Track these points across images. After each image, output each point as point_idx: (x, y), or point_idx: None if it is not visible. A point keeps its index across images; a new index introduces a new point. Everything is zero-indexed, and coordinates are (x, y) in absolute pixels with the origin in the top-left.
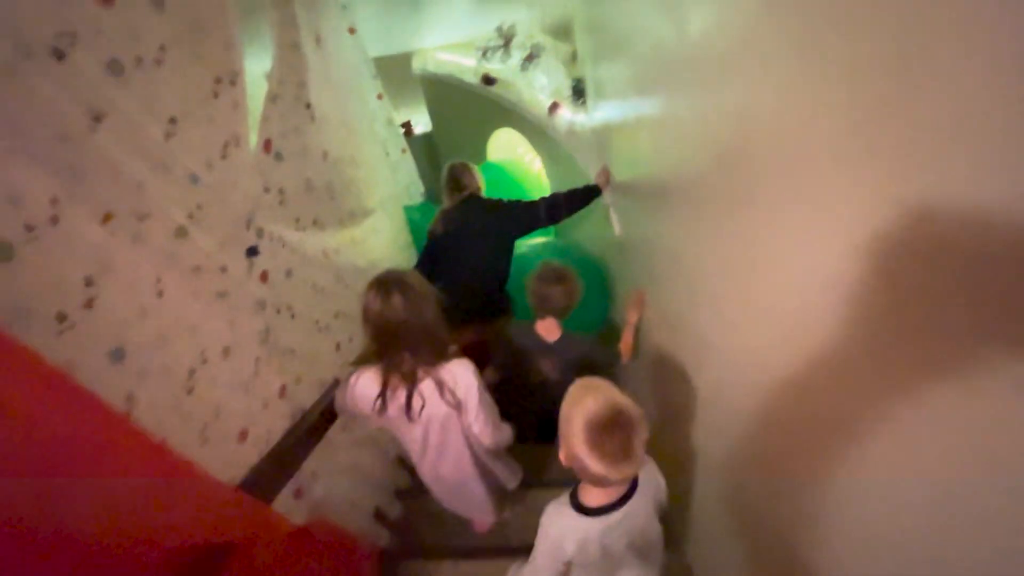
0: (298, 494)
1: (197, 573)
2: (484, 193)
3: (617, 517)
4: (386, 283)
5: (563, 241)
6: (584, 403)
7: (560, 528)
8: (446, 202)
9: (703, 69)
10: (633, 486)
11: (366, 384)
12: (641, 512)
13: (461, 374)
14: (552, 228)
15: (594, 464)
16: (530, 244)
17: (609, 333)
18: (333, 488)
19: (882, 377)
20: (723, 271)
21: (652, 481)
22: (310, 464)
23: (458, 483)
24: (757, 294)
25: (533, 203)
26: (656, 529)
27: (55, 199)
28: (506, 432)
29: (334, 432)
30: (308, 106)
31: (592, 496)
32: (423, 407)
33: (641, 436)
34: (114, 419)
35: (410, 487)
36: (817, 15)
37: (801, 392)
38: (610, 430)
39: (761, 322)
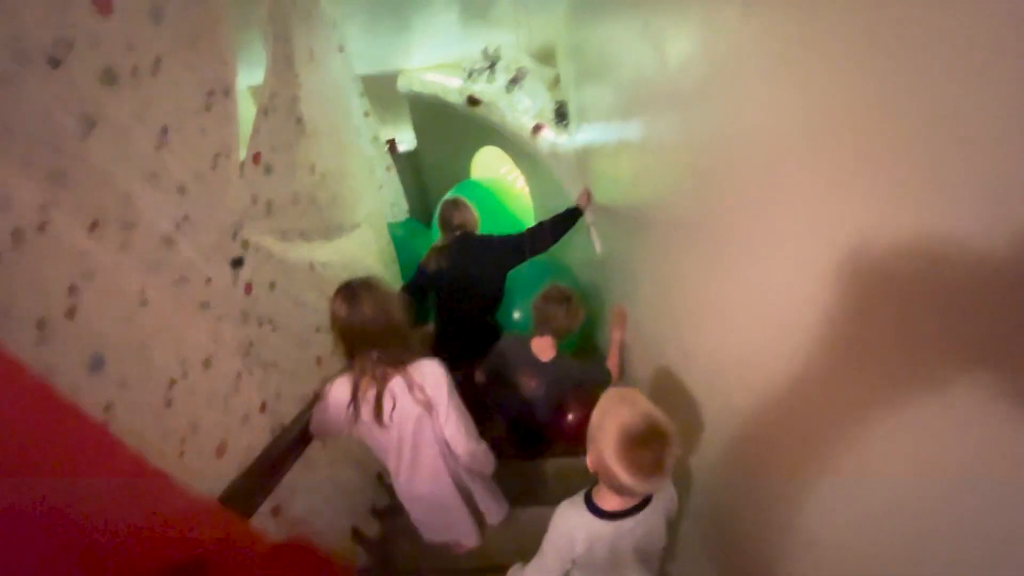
0: (276, 512)
1: None
2: (479, 226)
3: (630, 524)
4: (351, 288)
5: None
6: (620, 414)
7: (574, 525)
8: (440, 240)
9: (677, 98)
10: (649, 496)
11: (339, 390)
12: (653, 522)
13: (430, 370)
14: None
15: (623, 475)
16: None
17: (584, 343)
18: (312, 506)
19: (856, 391)
20: (700, 292)
21: (666, 493)
22: (289, 481)
23: (436, 503)
24: (733, 313)
25: (520, 236)
26: (662, 538)
27: (44, 205)
28: (483, 449)
29: (314, 449)
30: (299, 120)
31: (609, 501)
32: (394, 408)
33: (673, 452)
34: (92, 428)
35: (389, 506)
36: (791, 46)
37: (779, 407)
38: (645, 444)
39: (740, 341)
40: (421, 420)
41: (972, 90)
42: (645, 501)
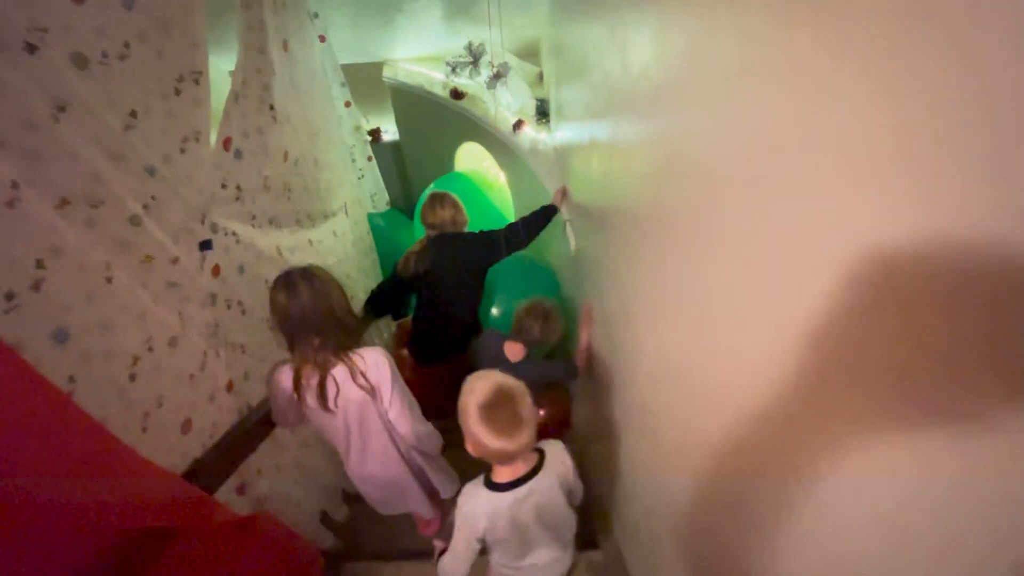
0: (241, 490)
1: (135, 557)
2: (463, 221)
3: (524, 491)
4: (290, 276)
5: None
6: (473, 391)
7: (473, 505)
8: (416, 242)
9: (642, 100)
10: (540, 465)
11: (282, 378)
12: (547, 488)
13: (371, 357)
14: None
15: (491, 439)
16: None
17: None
18: (278, 487)
19: (859, 406)
20: (666, 294)
21: (558, 461)
22: (255, 461)
23: (388, 482)
24: (708, 321)
25: (495, 234)
26: (563, 507)
27: (15, 183)
28: (427, 430)
29: (282, 431)
30: (271, 108)
31: (501, 474)
32: (337, 393)
33: (526, 404)
34: (57, 397)
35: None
36: (769, 42)
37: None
38: (497, 405)
39: (714, 351)
40: (365, 404)
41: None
42: (534, 470)
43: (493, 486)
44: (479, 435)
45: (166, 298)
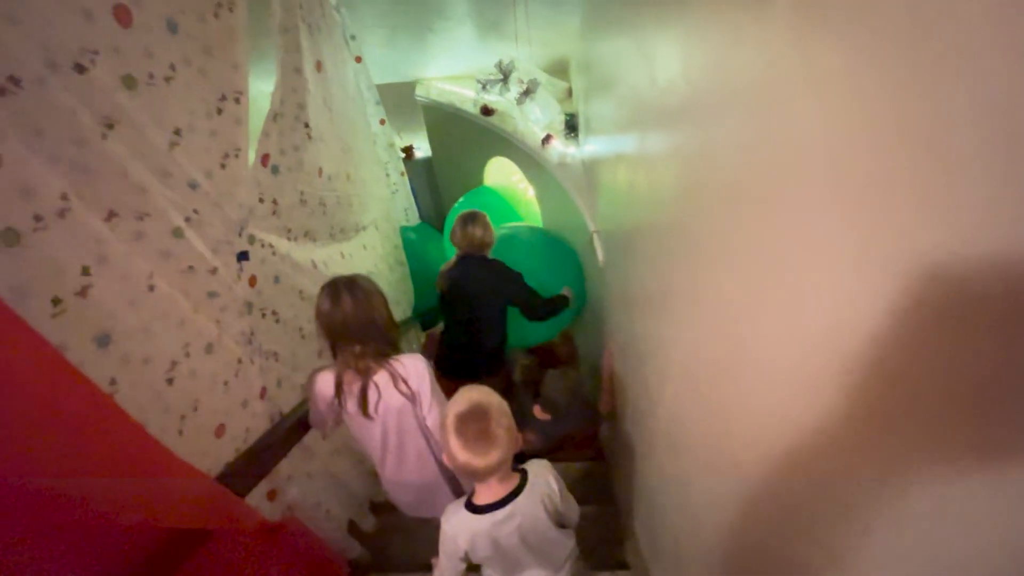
0: (271, 496)
1: (168, 555)
2: (489, 242)
3: (503, 514)
4: (335, 284)
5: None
6: (452, 405)
7: (453, 525)
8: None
9: (669, 114)
10: (521, 487)
11: (324, 383)
12: (531, 511)
13: (413, 364)
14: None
15: (460, 451)
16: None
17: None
18: (307, 495)
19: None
20: (695, 308)
21: (542, 483)
22: (286, 467)
23: (422, 485)
24: (741, 338)
25: (522, 280)
26: (550, 529)
27: (65, 195)
28: None
29: (313, 439)
30: (306, 125)
31: (481, 496)
32: (379, 400)
33: (500, 424)
34: (100, 398)
35: (386, 501)
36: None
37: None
38: (468, 419)
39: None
40: (404, 410)
41: None
42: (514, 492)
43: (473, 508)
44: (449, 445)
45: (205, 306)
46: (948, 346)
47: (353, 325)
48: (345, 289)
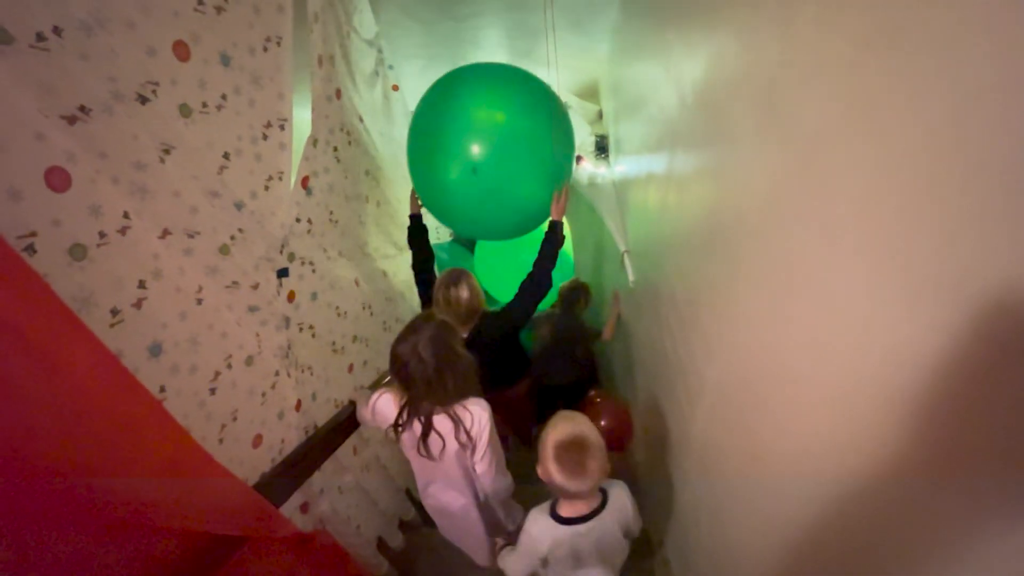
0: (304, 508)
1: (204, 561)
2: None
3: (583, 529)
4: (417, 334)
5: None
6: (556, 429)
7: (538, 530)
8: None
9: (699, 134)
10: (602, 506)
11: (386, 407)
12: (608, 528)
13: (476, 412)
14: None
15: (558, 475)
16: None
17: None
18: (339, 509)
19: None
20: (733, 327)
21: (620, 504)
22: (318, 480)
23: (460, 519)
24: (780, 358)
25: (513, 303)
26: (620, 542)
27: (127, 213)
28: (508, 482)
29: (344, 453)
30: (335, 149)
31: (566, 509)
32: (443, 448)
33: (595, 458)
34: (152, 402)
35: (415, 520)
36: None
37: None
38: (570, 449)
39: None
40: (459, 453)
41: None
42: (596, 511)
43: (558, 518)
44: (549, 468)
45: (246, 320)
46: (1012, 382)
47: (431, 384)
48: (429, 344)
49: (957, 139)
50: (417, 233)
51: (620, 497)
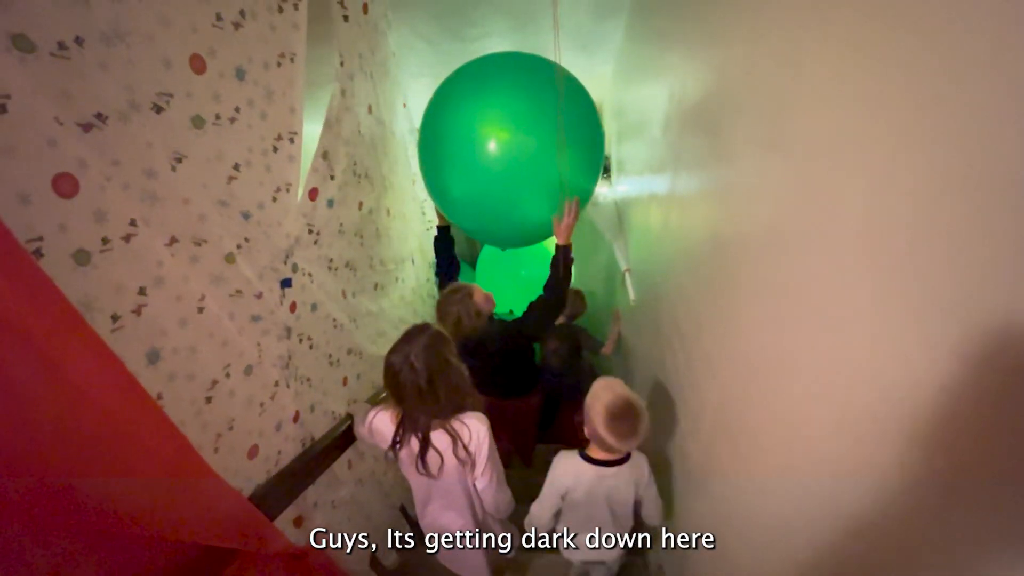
0: (298, 522)
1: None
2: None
3: (608, 472)
4: (411, 343)
5: None
6: (604, 397)
7: (565, 466)
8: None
9: (701, 156)
10: (625, 460)
11: (383, 424)
12: (624, 478)
13: (474, 427)
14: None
15: (610, 438)
16: None
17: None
18: (332, 525)
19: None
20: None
21: (639, 465)
22: (313, 493)
23: (458, 538)
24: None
25: (526, 314)
26: (630, 499)
27: (133, 220)
28: (507, 498)
29: (340, 467)
30: (354, 163)
31: (596, 452)
32: (441, 465)
33: (643, 420)
34: (151, 407)
35: (409, 537)
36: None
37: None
38: (622, 416)
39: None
40: (458, 470)
41: None
42: (622, 461)
43: (586, 457)
44: (600, 432)
45: (248, 329)
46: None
47: (424, 394)
48: (422, 353)
49: (964, 155)
50: (444, 242)
51: (642, 461)
